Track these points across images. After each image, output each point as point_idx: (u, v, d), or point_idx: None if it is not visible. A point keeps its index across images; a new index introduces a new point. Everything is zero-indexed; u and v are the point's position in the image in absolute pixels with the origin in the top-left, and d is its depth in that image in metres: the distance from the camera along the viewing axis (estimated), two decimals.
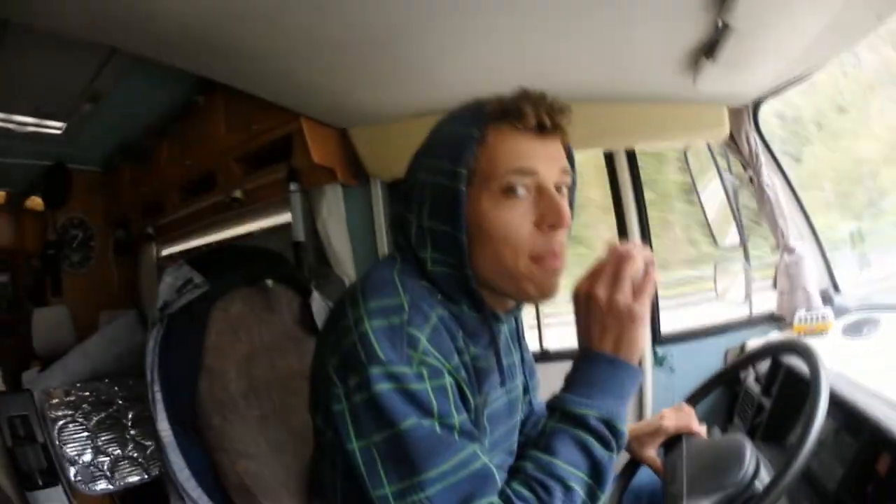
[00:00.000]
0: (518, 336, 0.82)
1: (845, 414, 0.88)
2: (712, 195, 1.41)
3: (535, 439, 0.57)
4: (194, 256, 1.27)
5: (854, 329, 1.37)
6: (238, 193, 1.61)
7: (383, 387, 0.52)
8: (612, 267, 0.55)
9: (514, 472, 0.56)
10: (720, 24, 0.99)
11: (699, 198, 1.39)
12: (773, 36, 1.09)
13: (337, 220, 1.45)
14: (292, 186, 1.49)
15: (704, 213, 1.39)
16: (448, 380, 0.56)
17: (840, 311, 1.50)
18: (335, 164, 1.48)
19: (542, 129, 0.59)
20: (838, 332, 1.39)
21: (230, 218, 1.71)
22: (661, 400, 1.41)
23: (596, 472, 0.55)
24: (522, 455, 0.57)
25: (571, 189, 0.66)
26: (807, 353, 0.74)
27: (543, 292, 0.62)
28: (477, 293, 0.62)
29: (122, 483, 1.63)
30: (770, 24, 1.00)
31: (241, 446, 1.02)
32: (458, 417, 0.55)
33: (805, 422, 0.64)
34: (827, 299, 1.51)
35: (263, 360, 1.23)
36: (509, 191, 0.58)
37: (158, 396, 1.12)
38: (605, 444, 0.55)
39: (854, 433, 0.84)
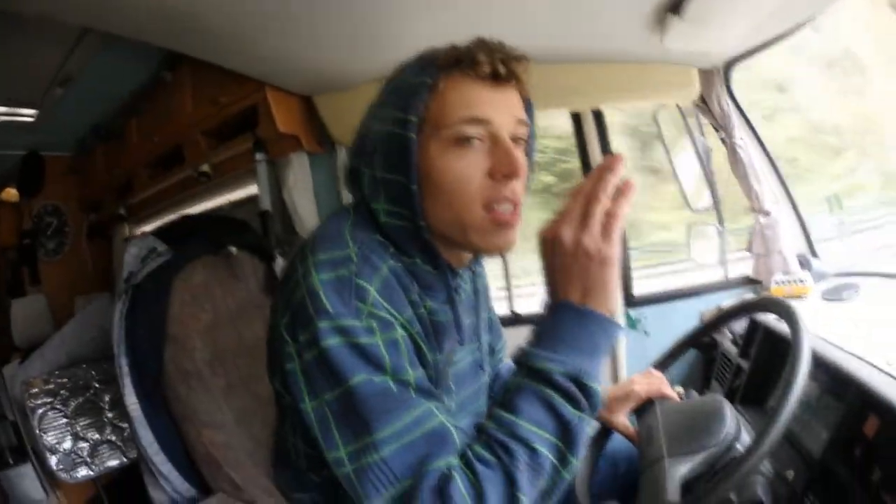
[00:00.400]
0: (483, 294, 0.79)
1: (830, 377, 0.85)
2: (685, 158, 1.38)
3: (499, 398, 0.53)
4: (159, 227, 1.25)
5: (834, 293, 1.34)
6: (205, 167, 1.58)
7: (332, 341, 0.50)
8: (578, 207, 0.51)
9: (477, 433, 0.52)
10: None
11: (671, 160, 1.36)
12: None
13: (303, 188, 1.43)
14: (258, 156, 1.47)
15: (676, 176, 1.36)
16: (400, 333, 0.54)
17: (818, 276, 1.47)
18: (300, 132, 1.46)
19: (496, 78, 0.57)
20: (817, 296, 1.37)
21: (199, 193, 1.69)
22: (635, 364, 1.38)
23: (565, 434, 0.50)
24: (487, 414, 0.53)
25: (530, 142, 0.64)
26: (785, 310, 0.71)
27: (497, 244, 0.59)
28: (431, 246, 0.59)
29: (102, 468, 1.61)
30: None
31: (206, 416, 1.00)
32: (413, 373, 0.53)
33: (787, 380, 0.61)
34: (805, 264, 1.49)
35: (228, 329, 1.21)
36: (461, 140, 0.56)
37: (126, 370, 1.10)
38: (574, 403, 0.50)
39: (839, 396, 0.81)
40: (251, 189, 1.55)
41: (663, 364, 0.90)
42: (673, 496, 0.60)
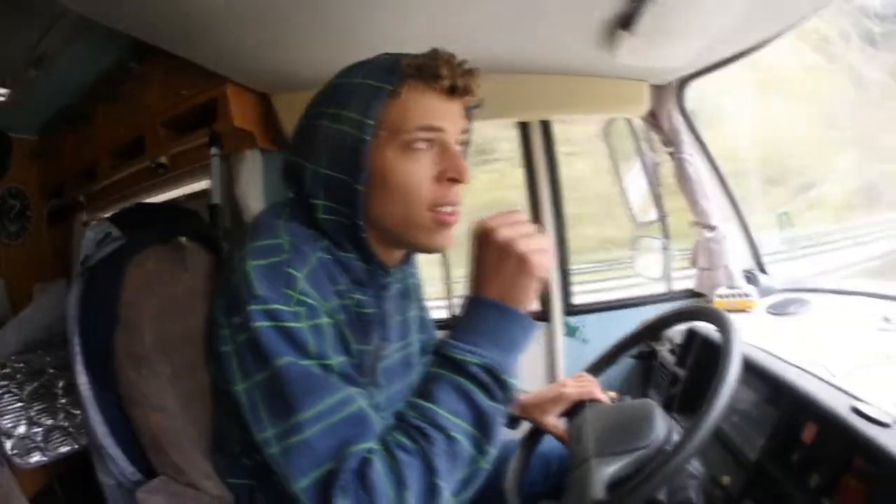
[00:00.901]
0: (413, 293, 0.82)
1: (768, 386, 0.88)
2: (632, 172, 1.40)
3: (418, 386, 0.56)
4: (116, 213, 1.27)
5: (780, 307, 1.36)
6: (164, 159, 1.58)
7: (261, 324, 0.53)
8: (516, 217, 0.56)
9: (396, 420, 0.55)
10: None
11: (618, 174, 1.38)
12: (694, 11, 1.08)
13: (254, 185, 1.44)
14: (213, 150, 1.47)
15: (623, 189, 1.38)
16: (325, 320, 0.56)
17: (766, 292, 1.50)
18: (256, 129, 1.46)
19: (452, 92, 0.61)
20: (763, 310, 1.39)
21: (157, 184, 1.69)
22: (573, 371, 1.33)
23: (481, 423, 0.53)
24: (406, 402, 0.56)
25: (466, 148, 0.68)
26: (716, 316, 0.73)
27: (440, 243, 0.63)
28: (366, 243, 0.62)
29: (54, 453, 1.61)
30: None
31: (153, 400, 1.01)
32: (336, 359, 0.55)
33: (716, 382, 0.62)
34: (752, 279, 1.51)
35: (176, 316, 1.22)
36: (415, 144, 0.60)
37: (78, 350, 1.10)
38: (490, 394, 0.53)
39: (776, 404, 0.84)
40: (206, 182, 1.55)
41: (596, 368, 0.93)
42: (598, 494, 0.61)
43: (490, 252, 0.55)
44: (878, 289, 1.35)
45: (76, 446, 1.67)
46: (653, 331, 0.92)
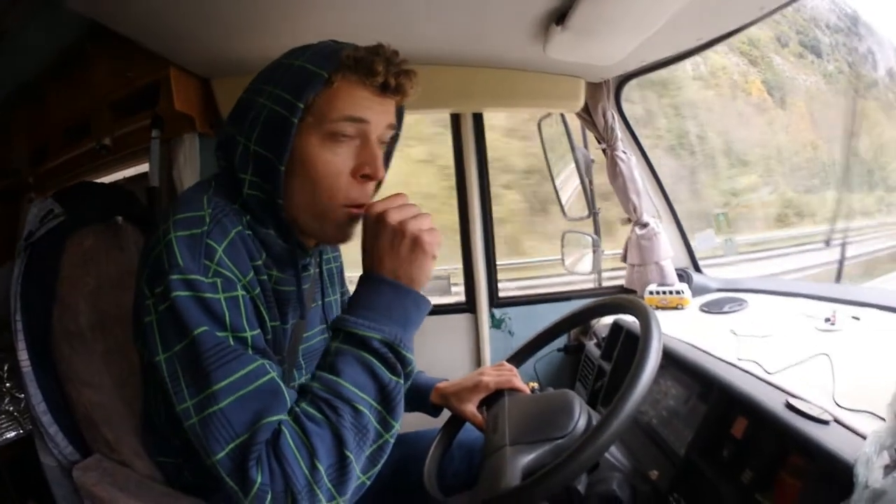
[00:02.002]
0: (334, 276, 0.84)
1: (696, 381, 0.89)
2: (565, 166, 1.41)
3: (321, 361, 0.57)
4: (60, 190, 1.27)
5: (714, 306, 1.39)
6: (107, 140, 1.58)
7: (181, 294, 0.54)
8: (402, 199, 0.59)
9: (302, 393, 0.56)
10: None
11: (549, 168, 1.39)
12: (627, 9, 1.09)
13: (191, 169, 1.44)
14: (154, 133, 1.47)
15: (554, 185, 1.39)
16: (241, 293, 0.58)
17: (701, 290, 1.52)
18: (196, 113, 1.47)
19: (384, 89, 0.63)
20: (696, 308, 1.41)
21: (101, 166, 1.69)
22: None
23: (384, 397, 0.55)
24: (311, 376, 0.57)
25: (393, 143, 0.71)
26: (634, 307, 0.73)
27: (344, 235, 0.65)
28: (286, 222, 0.64)
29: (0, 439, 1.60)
30: None
31: (87, 377, 1.02)
32: (251, 332, 0.57)
33: (632, 372, 0.62)
34: (685, 277, 1.53)
35: (110, 295, 1.23)
36: (338, 134, 0.61)
37: (19, 325, 1.11)
38: (391, 369, 0.55)
39: (705, 399, 0.84)
40: (146, 166, 1.55)
41: (516, 358, 0.93)
42: (513, 481, 0.61)
43: (383, 234, 0.57)
44: (817, 290, 1.37)
45: (21, 431, 1.66)
46: (571, 323, 0.91)
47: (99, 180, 1.70)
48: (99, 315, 1.14)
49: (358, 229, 0.63)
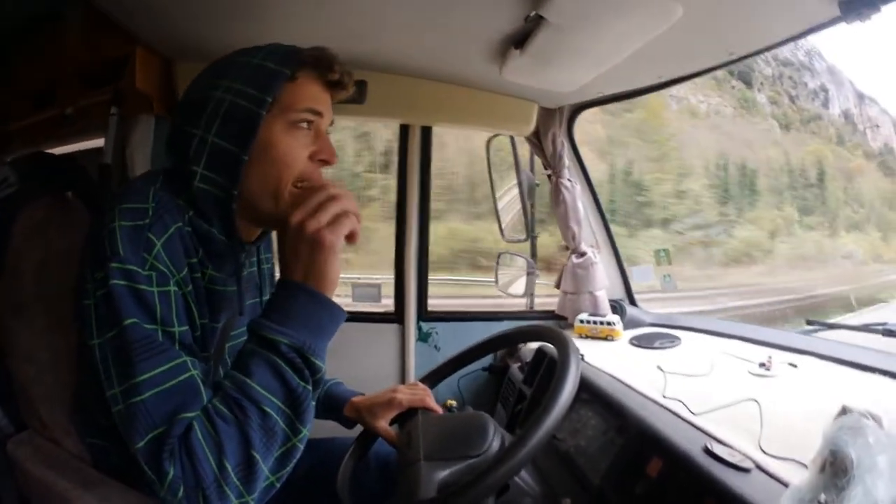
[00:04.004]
0: (267, 277, 0.87)
1: (615, 414, 0.89)
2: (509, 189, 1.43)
3: (236, 360, 0.59)
4: (16, 158, 1.29)
5: (645, 340, 1.39)
6: (70, 111, 1.60)
7: (117, 282, 0.56)
8: (316, 199, 0.60)
9: (216, 389, 0.58)
10: (532, 14, 1.01)
11: (493, 189, 1.41)
12: (591, 41, 1.10)
13: (144, 150, 1.45)
14: (113, 109, 1.49)
15: (496, 205, 1.41)
16: (173, 289, 0.60)
17: (634, 324, 1.53)
18: (155, 94, 1.48)
19: (336, 85, 0.71)
20: (626, 341, 1.41)
21: (59, 136, 1.70)
22: None
23: (292, 402, 0.56)
24: (225, 373, 0.59)
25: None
26: (554, 336, 0.74)
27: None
28: (233, 215, 0.67)
29: None
30: (584, 25, 1.01)
31: (26, 351, 1.04)
32: (179, 328, 0.59)
33: (548, 397, 0.63)
34: (619, 310, 1.55)
35: (56, 271, 1.24)
36: (299, 123, 0.67)
37: None
38: (299, 374, 0.56)
39: (622, 433, 0.84)
40: (100, 141, 1.57)
41: (431, 378, 0.95)
42: (427, 494, 0.62)
43: (288, 237, 0.59)
44: (754, 333, 1.37)
45: None
46: (489, 348, 0.93)
47: (54, 151, 1.71)
48: (44, 289, 1.15)
49: None
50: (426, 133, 1.44)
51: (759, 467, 0.66)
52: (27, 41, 1.84)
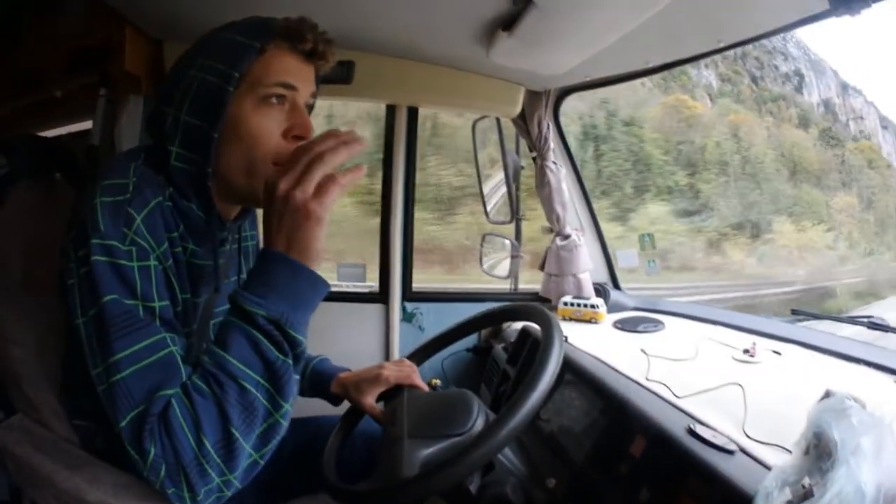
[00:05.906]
0: (250, 253, 0.87)
1: (598, 395, 0.89)
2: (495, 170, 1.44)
3: (216, 333, 0.58)
4: (4, 140, 1.29)
5: (629, 324, 1.40)
6: (58, 93, 1.60)
7: (99, 258, 0.56)
8: (301, 164, 0.56)
9: (195, 365, 0.57)
10: None
11: (478, 170, 1.42)
12: (579, 24, 1.11)
13: (132, 132, 1.46)
14: (102, 91, 1.49)
15: (480, 185, 1.42)
16: (153, 263, 0.60)
17: (618, 307, 1.54)
18: (144, 75, 1.48)
19: (311, 55, 0.68)
20: (609, 324, 1.43)
21: (47, 118, 1.70)
22: None
23: (271, 375, 0.55)
24: (204, 347, 0.60)
25: (310, 110, 0.73)
26: (538, 315, 0.74)
27: None
28: (209, 192, 0.67)
29: None
30: (572, 8, 1.01)
31: (14, 334, 1.04)
32: (160, 303, 0.59)
33: (530, 376, 0.63)
34: (602, 293, 1.56)
35: (43, 253, 1.24)
36: (270, 98, 0.66)
37: None
38: (277, 346, 0.55)
39: (606, 414, 0.85)
40: (88, 123, 1.57)
41: (417, 355, 0.96)
42: (410, 471, 0.62)
43: (273, 206, 0.56)
44: (738, 320, 1.36)
45: None
46: (474, 327, 0.93)
47: (42, 133, 1.71)
48: (31, 271, 1.16)
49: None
50: (412, 114, 1.45)
51: (743, 450, 0.66)
52: (15, 23, 1.84)
